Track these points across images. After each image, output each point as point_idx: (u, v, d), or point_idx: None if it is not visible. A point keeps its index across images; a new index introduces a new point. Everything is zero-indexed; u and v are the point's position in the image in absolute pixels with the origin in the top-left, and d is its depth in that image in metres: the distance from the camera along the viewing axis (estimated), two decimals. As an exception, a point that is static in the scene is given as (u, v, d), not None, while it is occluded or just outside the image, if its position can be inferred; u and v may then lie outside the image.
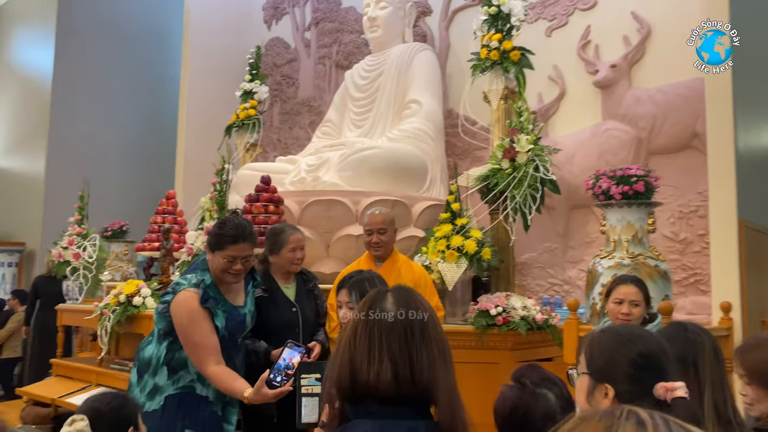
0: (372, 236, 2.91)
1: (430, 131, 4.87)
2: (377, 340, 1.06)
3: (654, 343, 1.19)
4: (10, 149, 8.92)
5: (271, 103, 8.01)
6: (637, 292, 2.43)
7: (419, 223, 4.18)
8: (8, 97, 9.16)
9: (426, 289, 2.93)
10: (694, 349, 1.51)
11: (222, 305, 2.33)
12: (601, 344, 1.21)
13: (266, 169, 5.17)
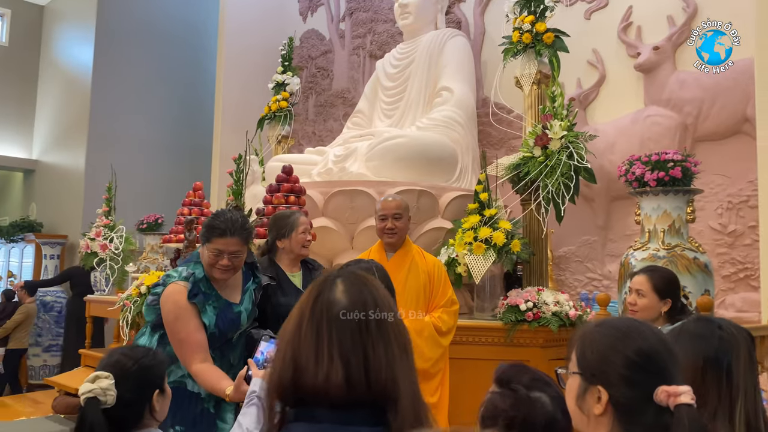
0: (386, 222, 2.79)
1: (461, 119, 4.71)
2: (326, 336, 0.90)
3: (656, 340, 1.02)
4: (53, 145, 9.15)
5: (306, 96, 7.98)
6: (644, 281, 2.24)
7: (447, 214, 4.04)
8: (51, 94, 9.39)
9: (440, 281, 2.80)
10: (728, 350, 1.33)
11: (213, 301, 2.23)
12: (594, 340, 1.04)
13: (295, 161, 5.11)
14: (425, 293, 2.73)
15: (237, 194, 3.65)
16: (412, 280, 2.72)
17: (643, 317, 2.25)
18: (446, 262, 3.78)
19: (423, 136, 4.37)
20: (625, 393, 0.99)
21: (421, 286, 2.72)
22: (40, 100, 9.74)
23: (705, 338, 1.32)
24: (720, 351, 1.30)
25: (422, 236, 3.98)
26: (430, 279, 2.74)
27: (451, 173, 4.38)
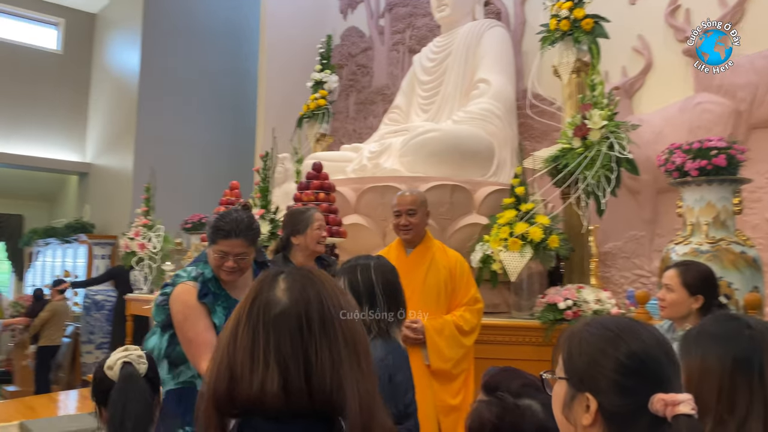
0: (400, 218, 2.70)
1: (499, 111, 4.57)
2: (262, 340, 0.80)
3: (652, 342, 0.90)
4: (104, 148, 9.43)
5: (347, 94, 7.96)
6: (674, 276, 2.08)
7: (483, 209, 3.92)
8: (102, 99, 9.69)
9: (462, 278, 2.69)
10: (760, 350, 1.20)
11: (223, 301, 2.18)
12: (583, 341, 0.93)
13: (330, 158, 5.09)
14: (446, 291, 2.63)
15: (264, 192, 3.63)
16: (432, 277, 2.62)
17: (671, 314, 2.10)
18: (481, 259, 3.67)
19: (457, 130, 4.26)
20: (616, 401, 0.87)
21: (442, 284, 2.62)
22: (92, 105, 10.07)
23: (733, 338, 1.19)
24: (751, 351, 1.17)
25: (457, 232, 3.88)
26: (451, 276, 2.64)
27: (488, 167, 4.25)
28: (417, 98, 5.49)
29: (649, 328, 0.93)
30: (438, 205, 3.83)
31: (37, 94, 9.71)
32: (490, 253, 3.61)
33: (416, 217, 2.69)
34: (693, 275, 2.07)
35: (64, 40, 10.18)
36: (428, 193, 3.80)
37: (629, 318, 0.97)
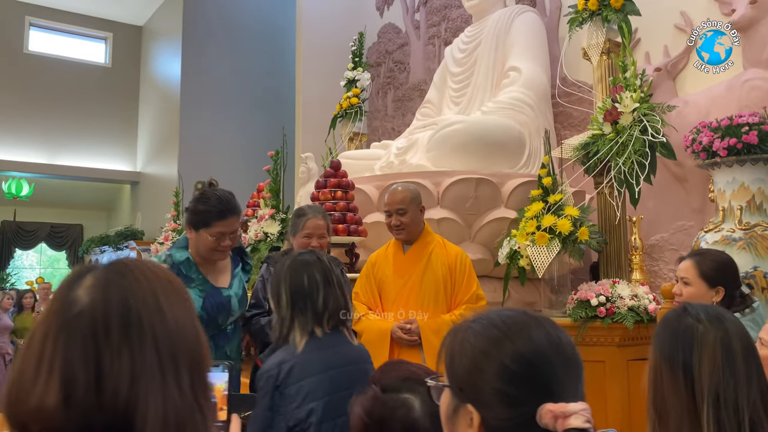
0: (391, 218, 2.58)
1: (530, 100, 4.38)
2: (51, 345, 0.68)
3: (544, 340, 0.75)
4: (152, 157, 9.68)
5: (384, 92, 7.88)
6: (690, 267, 1.88)
7: (511, 203, 3.75)
8: (149, 109, 9.96)
9: (463, 274, 2.55)
10: (689, 346, 1.05)
11: (199, 285, 2.16)
12: (465, 341, 0.79)
13: (359, 156, 5.02)
14: (446, 288, 2.50)
15: (274, 191, 3.58)
16: (430, 274, 2.49)
17: None
18: (508, 255, 3.50)
19: (482, 120, 4.09)
20: (501, 414, 0.72)
21: (441, 281, 2.49)
22: (141, 115, 10.37)
23: (668, 331, 1.04)
24: (677, 346, 1.02)
25: (484, 228, 3.73)
26: (451, 272, 2.51)
27: (518, 158, 4.07)
28: (449, 91, 5.35)
29: (545, 323, 0.78)
30: (462, 200, 3.69)
31: (89, 108, 10.08)
32: (517, 248, 3.43)
33: (407, 216, 2.57)
34: (710, 265, 1.87)
35: (112, 54, 10.53)
36: (452, 188, 3.68)
37: (524, 312, 0.82)
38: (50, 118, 9.77)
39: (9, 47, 9.70)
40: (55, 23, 10.16)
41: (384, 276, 2.59)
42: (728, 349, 1.05)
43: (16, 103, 9.55)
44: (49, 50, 10.09)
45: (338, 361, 1.76)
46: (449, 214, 3.68)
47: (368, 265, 2.70)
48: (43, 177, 9.77)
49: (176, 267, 2.15)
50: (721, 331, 1.07)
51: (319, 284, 1.76)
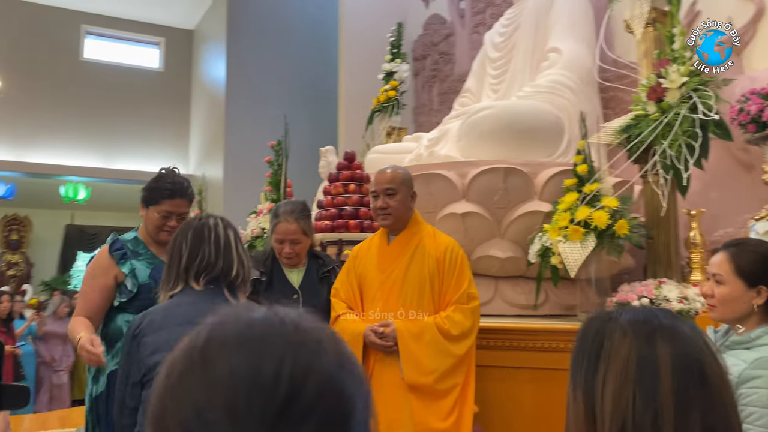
0: (378, 200, 2.31)
1: (571, 82, 4.00)
2: None
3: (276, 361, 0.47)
4: (202, 160, 9.77)
5: (430, 85, 7.63)
6: (723, 262, 1.51)
7: (546, 194, 3.40)
8: (200, 112, 10.05)
9: (452, 270, 2.26)
10: (594, 355, 0.80)
11: (147, 258, 2.29)
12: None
13: (390, 150, 4.79)
14: (432, 286, 2.20)
15: (275, 185, 3.38)
16: (415, 268, 2.21)
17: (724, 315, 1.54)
18: (539, 252, 3.17)
19: (513, 105, 3.76)
20: None
21: (426, 276, 2.20)
22: (193, 118, 10.49)
23: (577, 341, 0.83)
24: (581, 360, 0.80)
25: (514, 223, 3.40)
26: (439, 267, 2.21)
27: (555, 146, 3.71)
28: (488, 78, 5.03)
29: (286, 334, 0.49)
30: (490, 192, 3.38)
31: (143, 112, 10.27)
32: (549, 244, 3.09)
33: (396, 198, 2.29)
34: (750, 258, 1.51)
35: (165, 58, 10.70)
36: (478, 180, 3.38)
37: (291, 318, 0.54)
38: (106, 123, 10.02)
39: (66, 55, 10.02)
40: (109, 30, 10.43)
41: (365, 270, 2.34)
42: (648, 368, 0.75)
43: (73, 110, 9.84)
44: (105, 57, 10.36)
45: (199, 317, 1.58)
46: (475, 207, 3.38)
47: (350, 258, 2.46)
48: (99, 181, 10.01)
49: (120, 242, 2.28)
50: (645, 342, 0.77)
51: (188, 240, 1.78)
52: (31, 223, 11.07)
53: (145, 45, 10.71)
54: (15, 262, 10.82)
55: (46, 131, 9.66)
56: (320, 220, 3.20)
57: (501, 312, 3.56)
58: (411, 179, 2.43)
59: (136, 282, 2.24)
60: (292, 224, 2.44)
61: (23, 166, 9.54)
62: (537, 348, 3.00)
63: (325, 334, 0.51)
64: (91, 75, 10.10)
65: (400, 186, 2.32)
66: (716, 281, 1.57)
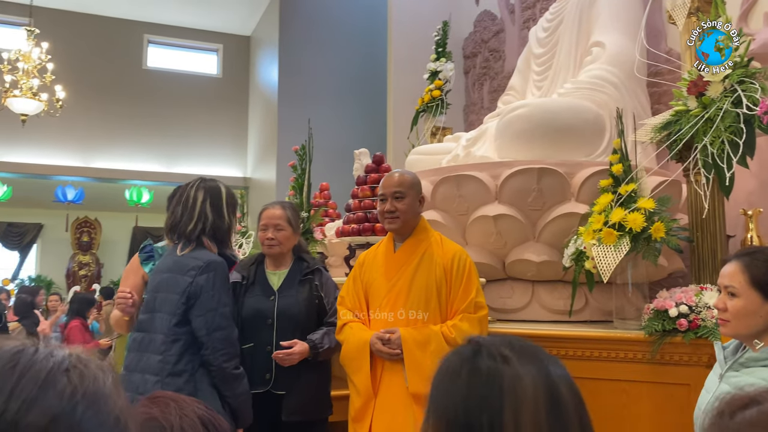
0: (385, 203, 2.27)
1: (615, 78, 3.84)
2: None
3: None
4: (258, 163, 9.97)
5: (481, 83, 7.53)
6: (736, 273, 1.39)
7: (583, 195, 3.27)
8: (257, 116, 10.28)
9: (460, 278, 2.20)
10: (492, 393, 0.73)
11: None
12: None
13: (429, 151, 4.74)
14: (439, 294, 2.14)
15: (299, 188, 3.38)
16: (422, 276, 2.15)
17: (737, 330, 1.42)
18: (574, 256, 3.04)
19: (548, 103, 3.63)
20: None
21: (433, 285, 2.14)
22: (251, 122, 10.73)
23: (455, 383, 0.73)
24: (475, 404, 0.70)
25: (549, 226, 3.29)
26: (446, 275, 2.14)
27: (595, 144, 3.57)
28: (532, 75, 4.90)
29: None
30: (523, 194, 3.28)
31: (203, 117, 10.60)
32: (583, 248, 2.97)
33: (404, 202, 2.25)
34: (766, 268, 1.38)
35: (223, 65, 11.00)
36: (511, 181, 3.29)
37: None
38: (167, 129, 10.40)
39: (130, 64, 10.46)
40: (170, 39, 10.81)
41: (371, 278, 2.31)
42: (556, 402, 0.69)
43: (137, 117, 10.26)
44: (166, 65, 10.75)
45: (163, 268, 2.22)
46: (508, 210, 3.29)
47: (356, 265, 2.43)
48: (161, 185, 10.40)
49: (150, 247, 2.48)
50: (542, 373, 0.70)
51: (172, 203, 2.24)
52: (101, 225, 11.61)
53: (203, 52, 11.04)
54: (86, 262, 11.38)
55: (111, 138, 10.12)
56: (348, 223, 3.19)
57: (538, 317, 3.46)
58: (419, 183, 2.39)
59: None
60: (277, 210, 2.53)
61: (90, 171, 10.02)
62: (569, 356, 2.88)
63: (75, 374, 0.49)
64: (153, 83, 10.50)
65: (408, 189, 2.29)
66: (729, 293, 1.45)
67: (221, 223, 2.22)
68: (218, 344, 2.08)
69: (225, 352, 2.08)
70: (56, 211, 10.77)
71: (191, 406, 0.81)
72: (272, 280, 2.49)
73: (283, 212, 2.55)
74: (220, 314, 2.09)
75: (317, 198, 4.33)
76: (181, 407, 0.79)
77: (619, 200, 2.89)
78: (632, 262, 2.90)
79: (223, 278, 2.15)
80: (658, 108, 4.33)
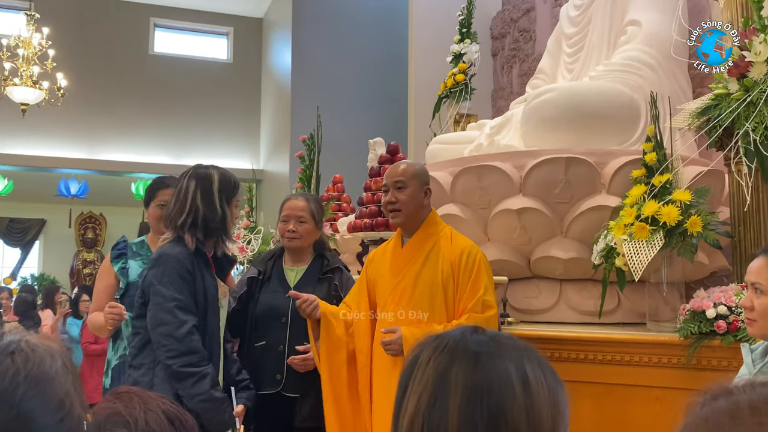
0: (387, 194, 2.30)
1: (652, 59, 3.80)
2: None
3: None
4: (270, 153, 10.05)
5: (510, 66, 7.50)
6: (762, 269, 1.38)
7: (615, 187, 3.26)
8: (269, 104, 10.35)
9: (467, 274, 2.21)
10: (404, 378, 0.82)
11: (144, 259, 2.54)
12: None
13: (451, 140, 4.74)
14: (445, 292, 2.16)
15: (306, 180, 3.41)
16: (428, 273, 2.18)
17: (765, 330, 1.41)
18: (604, 252, 3.04)
19: (577, 87, 3.61)
20: None
21: (439, 282, 2.16)
22: (263, 111, 10.81)
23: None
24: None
25: (577, 220, 3.28)
26: (453, 271, 2.16)
27: (629, 131, 3.55)
28: (563, 57, 4.88)
29: None
30: (550, 185, 3.28)
31: (213, 105, 10.70)
32: (614, 243, 2.96)
33: (406, 192, 2.28)
34: None
35: (234, 49, 11.09)
36: (535, 171, 3.29)
37: None
38: (175, 119, 10.53)
39: (136, 50, 10.61)
40: (178, 22, 10.93)
41: (378, 275, 2.34)
42: (443, 384, 0.72)
43: (143, 105, 10.40)
44: (174, 50, 10.88)
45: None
46: (533, 203, 3.29)
47: (366, 262, 2.48)
48: (169, 178, 10.55)
49: (123, 244, 2.61)
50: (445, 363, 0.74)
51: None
52: (106, 221, 11.81)
53: (213, 36, 11.15)
54: (90, 260, 11.59)
55: (116, 128, 10.28)
56: (360, 218, 3.22)
57: (566, 319, 3.46)
58: (425, 174, 2.41)
59: (125, 280, 2.51)
60: (300, 201, 2.58)
61: (94, 163, 10.19)
62: (598, 360, 2.88)
63: (20, 357, 0.54)
64: (161, 69, 10.63)
65: (410, 180, 2.31)
66: (756, 290, 1.45)
67: (212, 214, 2.23)
68: (161, 339, 2.11)
69: (168, 348, 2.10)
70: (59, 206, 10.97)
71: (156, 401, 0.85)
72: (289, 276, 2.54)
73: (306, 204, 2.60)
74: (165, 309, 2.12)
75: (330, 191, 4.36)
76: (145, 402, 0.83)
77: (652, 192, 2.87)
78: (667, 259, 2.89)
79: (174, 272, 2.17)
80: (701, 92, 4.28)
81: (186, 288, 2.15)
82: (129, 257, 2.57)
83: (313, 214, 2.57)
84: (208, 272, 2.24)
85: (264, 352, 2.48)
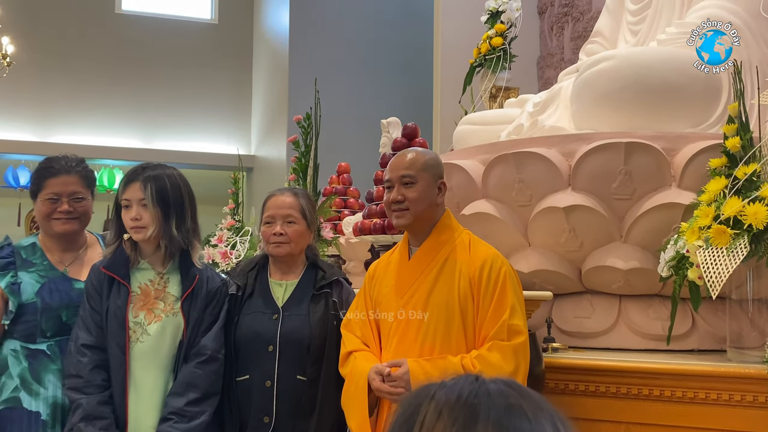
0: (392, 191, 2.29)
1: (737, 18, 3.74)
2: None
3: None
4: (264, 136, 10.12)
5: (561, 27, 7.53)
6: None
7: (689, 180, 3.23)
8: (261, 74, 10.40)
9: (489, 293, 2.19)
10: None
11: (40, 270, 2.49)
12: None
13: (485, 120, 4.77)
14: (463, 315, 2.15)
15: (301, 171, 3.42)
16: (441, 292, 2.16)
17: None
18: (674, 262, 3.01)
19: (641, 54, 3.59)
20: None
21: (456, 301, 2.16)
22: (255, 84, 10.86)
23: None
24: None
25: (641, 220, 3.26)
26: (473, 290, 2.14)
27: (707, 111, 3.52)
28: (626, 16, 4.86)
29: None
30: (606, 177, 3.27)
31: (193, 76, 10.77)
32: (686, 251, 2.93)
33: (415, 189, 2.27)
34: None
35: (219, 6, 11.16)
36: (588, 160, 3.29)
37: None
38: (147, 93, 10.61)
39: (99, 8, 10.69)
40: (151, -26, 11.04)
41: (380, 294, 2.33)
42: None
43: (108, 77, 10.49)
44: (145, 7, 10.96)
45: None
46: (584, 199, 3.28)
47: (367, 277, 2.46)
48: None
49: (9, 249, 2.52)
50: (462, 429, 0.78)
51: None
52: (63, 218, 11.92)
53: (194, -10, 11.23)
54: (44, 267, 11.70)
55: (75, 105, 10.39)
56: (369, 217, 3.23)
57: (626, 345, 3.45)
58: (439, 166, 2.40)
59: (16, 300, 2.43)
60: (287, 197, 2.57)
61: (49, 147, 10.26)
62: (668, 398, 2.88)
63: None
64: (130, 32, 10.72)
65: (420, 173, 2.30)
66: None
67: None
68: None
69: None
70: (6, 199, 11.09)
71: None
72: (276, 293, 2.53)
73: (295, 200, 2.59)
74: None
75: (334, 183, 4.38)
76: None
77: (735, 186, 2.85)
78: (753, 270, 2.87)
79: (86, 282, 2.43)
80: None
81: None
82: (19, 268, 2.48)
83: (304, 213, 2.55)
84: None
85: (248, 389, 2.47)
